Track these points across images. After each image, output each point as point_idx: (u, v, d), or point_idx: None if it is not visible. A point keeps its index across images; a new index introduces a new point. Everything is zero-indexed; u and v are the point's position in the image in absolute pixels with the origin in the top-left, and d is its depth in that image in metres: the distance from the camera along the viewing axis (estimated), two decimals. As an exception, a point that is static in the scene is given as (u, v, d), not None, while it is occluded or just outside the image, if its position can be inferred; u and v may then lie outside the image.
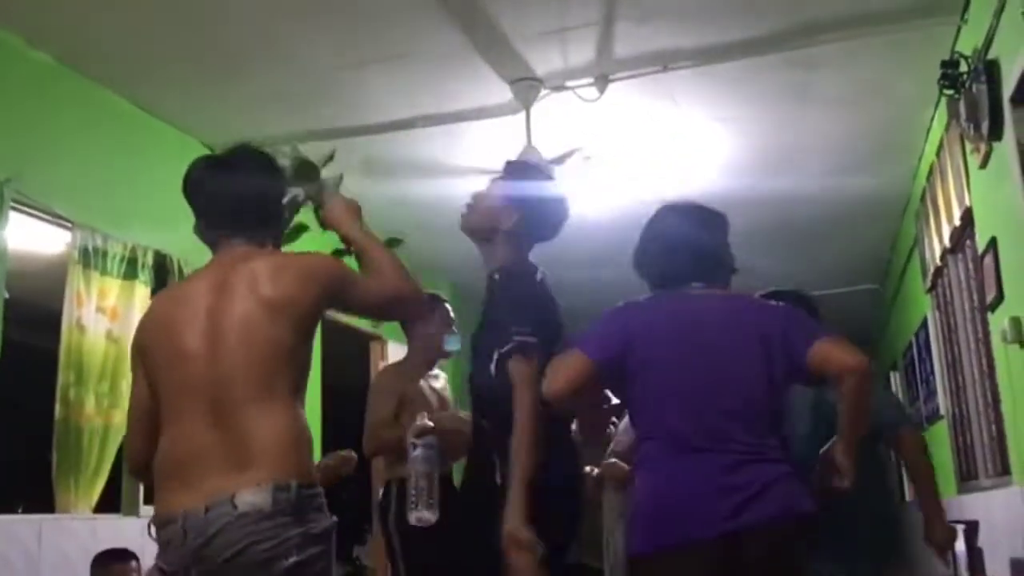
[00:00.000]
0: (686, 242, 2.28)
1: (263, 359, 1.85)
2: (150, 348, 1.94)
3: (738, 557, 1.97)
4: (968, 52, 3.78)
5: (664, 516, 2.03)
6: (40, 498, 3.91)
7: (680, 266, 2.25)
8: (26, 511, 3.84)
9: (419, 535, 3.36)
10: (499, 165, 4.67)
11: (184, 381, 1.87)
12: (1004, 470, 4.27)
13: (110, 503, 4.12)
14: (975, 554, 4.24)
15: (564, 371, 2.11)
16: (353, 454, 3.26)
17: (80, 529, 3.80)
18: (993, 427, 4.48)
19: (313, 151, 2.32)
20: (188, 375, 1.86)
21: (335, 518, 1.85)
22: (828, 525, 2.15)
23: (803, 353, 2.11)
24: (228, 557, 1.71)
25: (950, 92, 3.89)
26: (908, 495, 8.17)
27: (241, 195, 2.02)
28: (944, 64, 3.86)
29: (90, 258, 4.03)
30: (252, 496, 1.72)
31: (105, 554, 3.48)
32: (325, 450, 3.38)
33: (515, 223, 2.47)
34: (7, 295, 3.63)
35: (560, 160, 4.58)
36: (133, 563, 3.45)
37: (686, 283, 2.24)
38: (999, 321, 3.80)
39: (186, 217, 2.19)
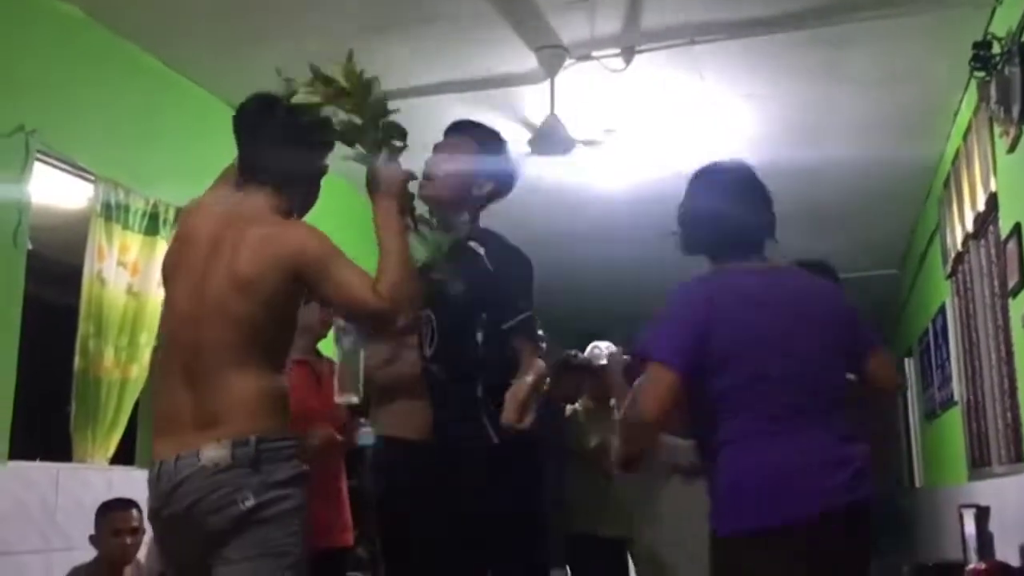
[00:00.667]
0: (745, 210, 2.16)
1: (234, 332, 1.97)
2: (166, 284, 2.12)
3: (834, 536, 1.92)
4: (1002, 34, 3.74)
5: (766, 493, 1.94)
6: (58, 447, 3.96)
7: (743, 236, 2.15)
8: (44, 460, 3.88)
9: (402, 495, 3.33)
10: (523, 134, 4.73)
11: (171, 339, 2.07)
12: (1017, 457, 4.27)
13: (126, 455, 4.16)
14: (985, 538, 4.25)
15: (655, 393, 1.98)
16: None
17: (96, 479, 3.85)
18: (1008, 414, 4.47)
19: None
20: (174, 334, 2.05)
21: (305, 467, 1.99)
22: None
23: (866, 355, 2.12)
24: (189, 504, 1.91)
25: (981, 74, 3.85)
26: (917, 481, 8.18)
27: (270, 149, 2.10)
28: (976, 45, 3.82)
29: (112, 212, 4.04)
30: (213, 451, 1.91)
31: (108, 502, 3.54)
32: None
33: (487, 192, 2.50)
34: (30, 247, 3.66)
35: (586, 142, 4.56)
36: (134, 511, 3.50)
37: (747, 255, 2.13)
38: (1020, 307, 3.79)
39: (208, 173, 2.21)
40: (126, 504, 3.53)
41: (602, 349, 4.67)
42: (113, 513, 3.49)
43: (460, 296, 2.43)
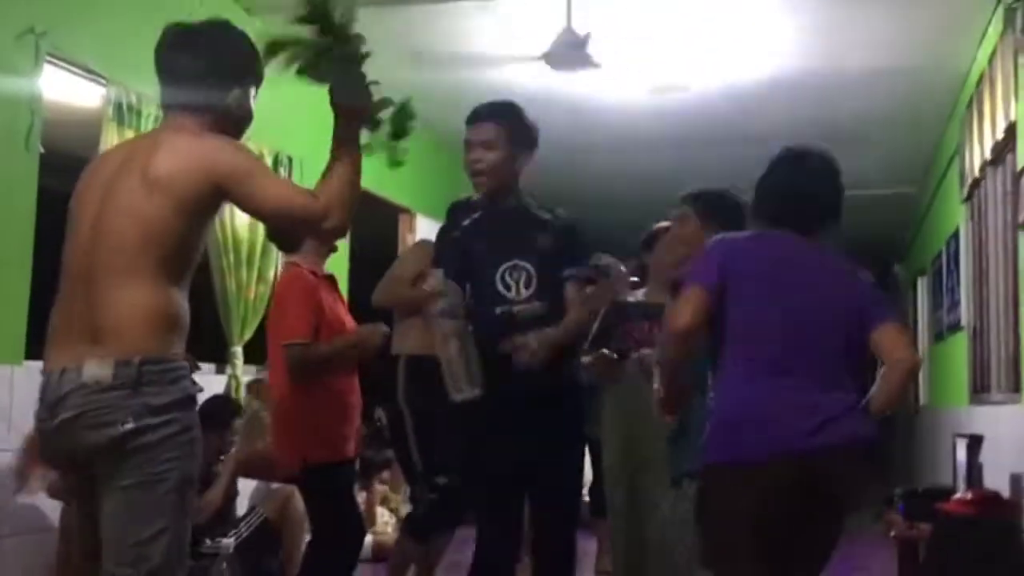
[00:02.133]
0: (795, 192, 2.37)
1: (133, 236, 1.92)
2: (69, 213, 2.05)
3: (812, 473, 2.13)
4: (1034, -41, 3.62)
5: (746, 430, 2.17)
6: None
7: (784, 212, 2.36)
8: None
9: (431, 414, 3.47)
10: (537, 48, 4.65)
11: (71, 247, 2.00)
12: (1015, 387, 4.31)
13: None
14: (975, 468, 4.33)
15: (688, 305, 2.24)
16: (384, 327, 3.39)
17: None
18: (1011, 345, 4.49)
19: None
20: (74, 243, 1.99)
21: (195, 388, 1.98)
22: None
23: (872, 325, 2.26)
24: (67, 419, 1.90)
25: (1011, 0, 3.74)
26: (922, 400, 8.25)
27: (186, 71, 2.04)
28: (1007, -30, 3.70)
29: (124, 115, 4.04)
30: (95, 369, 1.87)
31: None
32: (356, 320, 3.45)
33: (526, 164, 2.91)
34: (42, 150, 3.68)
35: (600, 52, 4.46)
36: None
37: (786, 227, 2.35)
38: (1029, 241, 3.77)
39: None
40: None
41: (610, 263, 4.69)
42: None
43: (550, 248, 2.83)
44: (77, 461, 1.96)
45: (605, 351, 3.68)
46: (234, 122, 2.11)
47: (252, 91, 2.15)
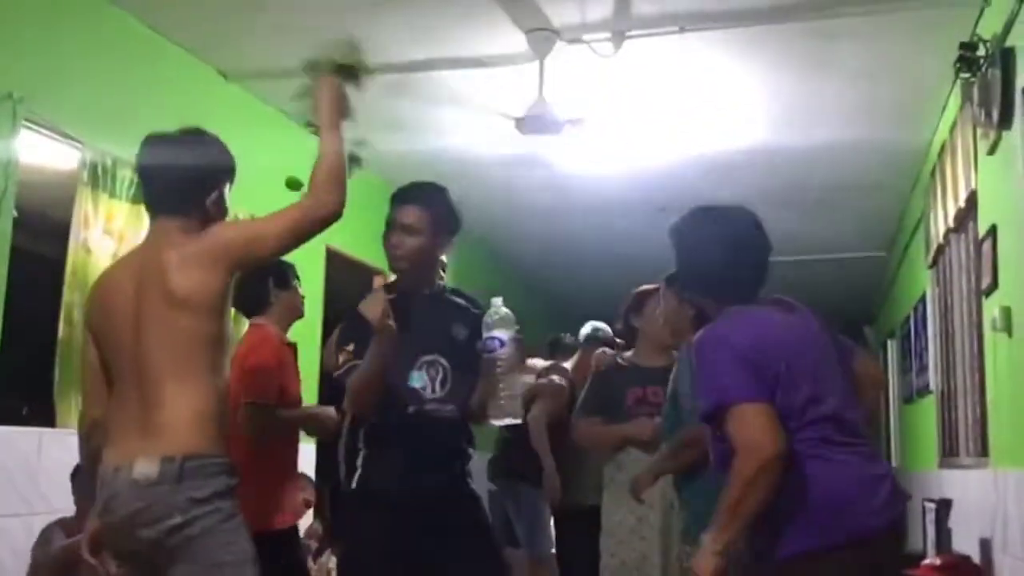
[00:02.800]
0: (747, 252, 2.25)
1: (172, 349, 2.10)
2: (95, 327, 2.25)
3: (886, 553, 2.05)
4: (988, 36, 3.75)
5: (833, 511, 2.01)
6: (41, 411, 4.03)
7: (753, 277, 2.24)
8: (27, 423, 3.95)
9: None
10: (510, 114, 4.75)
11: (119, 369, 2.17)
12: (983, 451, 4.35)
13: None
14: (943, 534, 4.35)
15: (770, 428, 1.99)
16: (333, 413, 3.32)
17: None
18: (978, 408, 4.54)
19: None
20: (120, 364, 2.17)
21: (232, 480, 2.10)
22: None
23: (851, 360, 2.26)
24: (124, 515, 2.05)
25: (966, 75, 3.87)
26: (894, 461, 8.30)
27: (165, 177, 2.23)
28: (962, 46, 3.83)
29: (99, 180, 4.07)
30: (143, 467, 2.03)
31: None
32: (321, 390, 3.48)
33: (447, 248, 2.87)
34: (16, 214, 3.69)
35: (572, 122, 4.58)
36: None
37: (749, 296, 2.22)
38: (992, 308, 3.84)
39: None
40: None
41: (597, 333, 4.76)
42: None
43: (465, 342, 2.72)
44: (139, 555, 2.08)
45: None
46: (213, 220, 2.25)
47: (227, 190, 2.31)
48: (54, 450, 3.79)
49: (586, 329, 5.03)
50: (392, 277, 2.94)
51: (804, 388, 2.06)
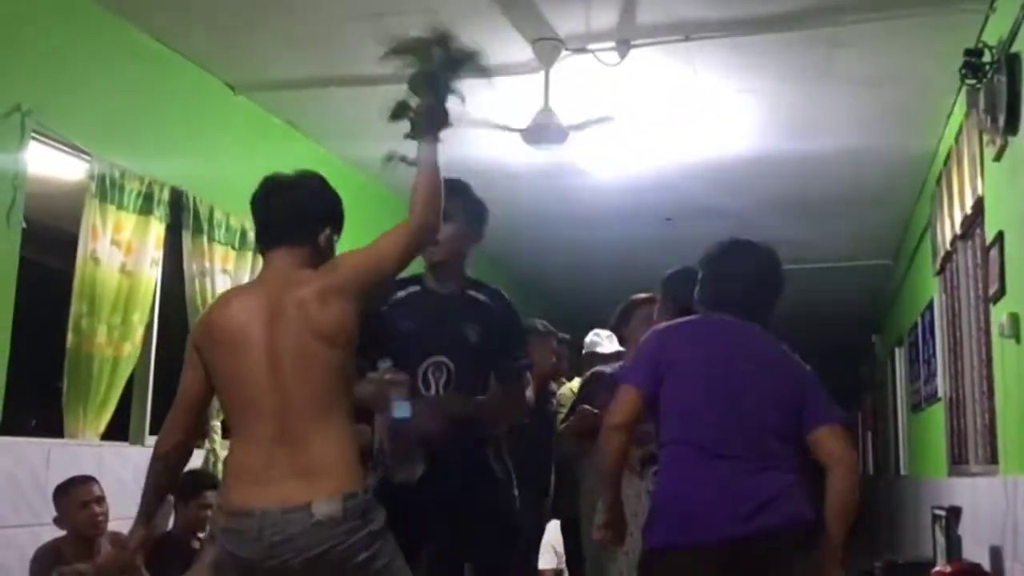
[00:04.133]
0: (743, 277, 2.49)
1: (320, 383, 2.11)
2: (213, 360, 2.17)
3: (743, 560, 2.18)
4: (994, 43, 3.75)
5: (679, 516, 2.24)
6: (50, 422, 4.04)
7: (729, 296, 2.48)
8: (36, 434, 3.96)
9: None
10: (516, 124, 4.76)
11: (249, 401, 2.12)
12: (992, 459, 4.33)
13: (116, 431, 4.24)
14: (953, 541, 4.33)
15: (622, 406, 2.38)
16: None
17: (86, 455, 3.92)
18: (986, 416, 4.53)
19: (329, 96, 2.47)
20: (252, 397, 2.11)
21: (384, 509, 2.13)
22: None
23: (810, 427, 2.36)
24: (309, 558, 2.00)
25: (972, 82, 3.87)
26: (902, 470, 8.26)
27: (288, 213, 2.26)
28: (968, 53, 3.83)
29: (107, 191, 4.09)
30: (326, 506, 2.01)
31: (68, 480, 3.57)
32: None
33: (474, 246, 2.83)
34: (24, 225, 3.71)
35: (579, 127, 4.58)
36: (94, 486, 3.57)
37: (729, 312, 2.46)
38: (1000, 314, 3.83)
39: (203, 154, 2.29)
40: (85, 479, 3.58)
41: (601, 336, 4.74)
42: (77, 488, 3.53)
43: (477, 343, 2.68)
44: None
45: (586, 406, 3.72)
46: (323, 259, 2.27)
47: (336, 235, 2.34)
48: (62, 461, 3.80)
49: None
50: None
51: (701, 393, 2.32)
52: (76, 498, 3.51)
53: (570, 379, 4.93)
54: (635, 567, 2.54)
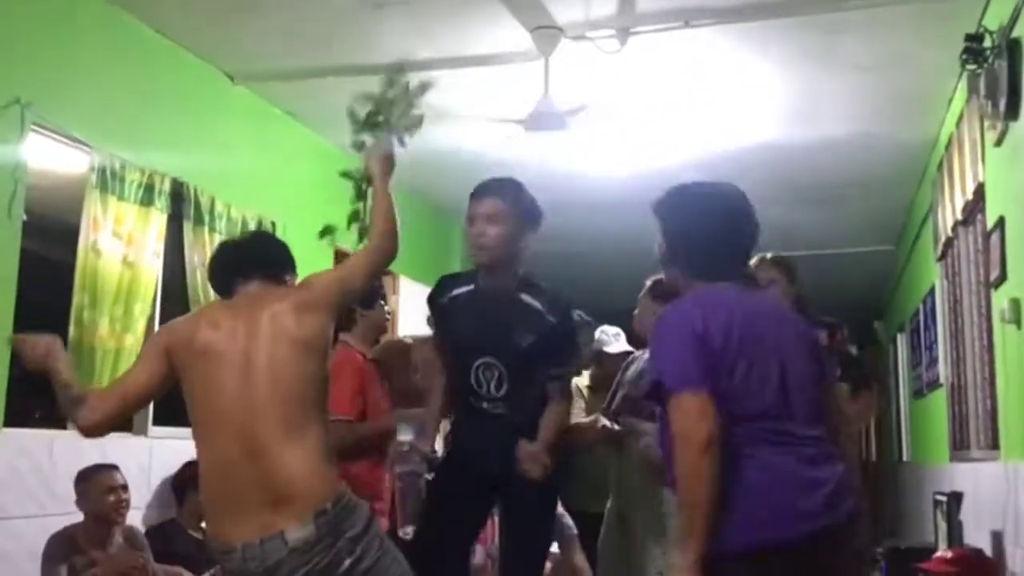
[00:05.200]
0: (736, 226, 2.20)
1: (293, 394, 2.14)
2: (186, 370, 2.22)
3: (829, 552, 1.99)
4: (994, 28, 3.74)
5: (771, 508, 1.98)
6: (53, 413, 4.04)
7: (731, 257, 2.20)
8: (39, 425, 3.97)
9: None
10: (516, 111, 4.75)
11: (219, 412, 2.16)
12: (994, 444, 4.34)
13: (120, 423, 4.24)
14: (954, 527, 4.34)
15: (699, 418, 1.96)
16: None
17: (90, 446, 3.89)
18: (988, 401, 4.53)
19: (329, 86, 2.61)
20: (223, 408, 2.15)
21: (365, 504, 2.17)
22: None
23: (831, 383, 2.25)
24: None
25: (973, 67, 3.86)
26: (905, 456, 8.28)
27: (271, 257, 2.45)
28: (968, 38, 3.82)
29: (108, 183, 4.09)
30: (298, 532, 2.04)
31: (92, 467, 3.66)
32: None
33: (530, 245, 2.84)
34: (25, 217, 3.71)
35: (573, 113, 4.57)
36: (117, 475, 3.67)
37: (731, 276, 2.18)
38: (1001, 299, 3.83)
39: (203, 145, 2.34)
40: (109, 466, 3.68)
41: (608, 335, 4.74)
42: (101, 474, 3.62)
43: (528, 350, 2.74)
44: None
45: (606, 422, 3.74)
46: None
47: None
48: (66, 452, 3.82)
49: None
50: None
51: (745, 372, 2.02)
52: (101, 483, 3.59)
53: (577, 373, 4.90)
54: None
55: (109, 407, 2.22)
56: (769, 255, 3.16)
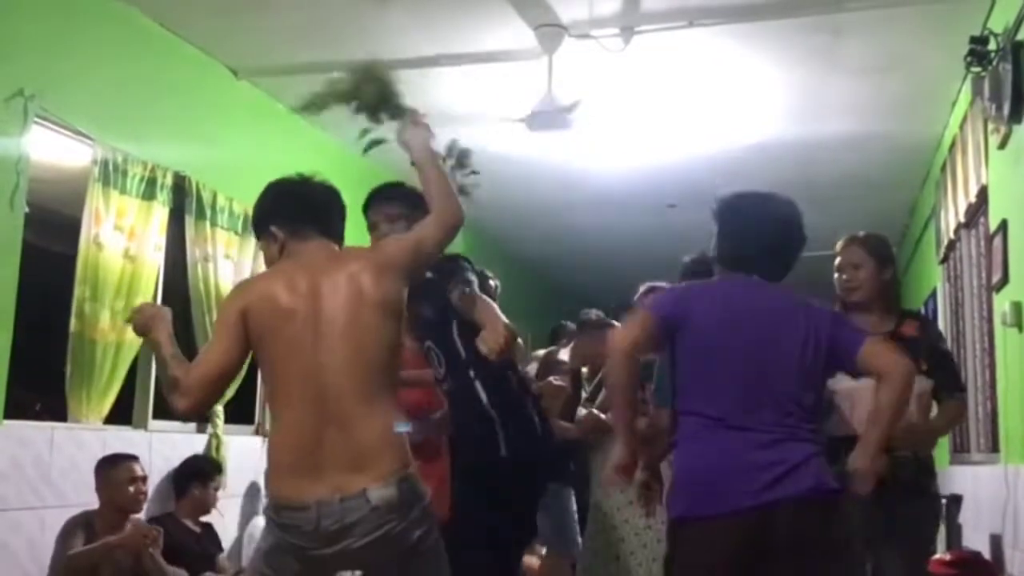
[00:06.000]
0: (763, 233, 2.35)
1: (371, 360, 2.12)
2: (262, 326, 2.14)
3: (767, 530, 2.12)
4: (999, 30, 3.73)
5: (702, 486, 2.19)
6: (54, 406, 4.05)
7: (748, 253, 2.34)
8: (40, 418, 3.98)
9: None
10: (519, 110, 4.75)
11: (300, 376, 2.11)
12: (994, 447, 4.34)
13: (119, 415, 4.26)
14: (954, 529, 4.33)
15: (634, 327, 2.31)
16: None
17: (90, 439, 3.94)
18: (988, 404, 4.53)
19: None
20: (304, 372, 2.11)
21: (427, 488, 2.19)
22: None
23: (854, 352, 2.25)
24: (367, 543, 2.04)
25: (977, 70, 3.85)
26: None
27: (330, 203, 2.35)
28: (973, 40, 3.81)
29: (110, 176, 4.08)
30: (381, 491, 2.04)
31: (114, 455, 3.76)
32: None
33: None
34: (27, 210, 3.71)
35: (568, 109, 4.57)
36: (137, 466, 3.76)
37: (752, 271, 2.33)
38: (1002, 303, 3.83)
39: (206, 140, 2.31)
40: (131, 457, 3.77)
41: (591, 316, 4.74)
42: (124, 463, 3.72)
43: (433, 318, 2.80)
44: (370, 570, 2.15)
45: (595, 411, 3.77)
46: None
47: None
48: (66, 445, 3.82)
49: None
50: None
51: (721, 358, 2.22)
52: (122, 473, 3.68)
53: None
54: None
55: (201, 394, 2.14)
56: (861, 233, 3.09)
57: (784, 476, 2.14)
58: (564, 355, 4.73)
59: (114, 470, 3.68)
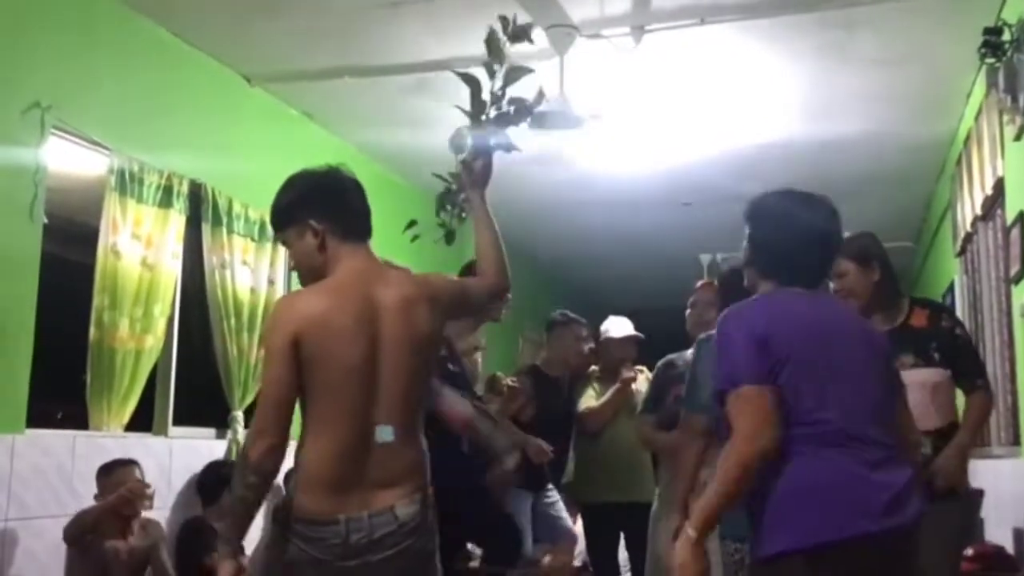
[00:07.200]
0: (823, 240, 2.19)
1: (419, 395, 2.22)
2: (312, 345, 2.09)
3: (890, 554, 1.96)
4: (1013, 21, 3.71)
5: (820, 509, 1.94)
6: (75, 414, 4.09)
7: (813, 265, 2.17)
8: (61, 426, 4.01)
9: None
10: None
11: (349, 397, 2.13)
12: (1015, 441, 4.31)
13: (140, 423, 4.29)
14: (977, 523, 4.29)
15: (759, 417, 1.95)
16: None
17: (111, 446, 3.97)
18: (1009, 398, 4.50)
19: (345, 86, 2.53)
20: (354, 395, 2.13)
21: None
22: None
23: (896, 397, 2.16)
24: (388, 556, 2.12)
25: (991, 61, 3.83)
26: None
27: (367, 203, 2.34)
28: (987, 31, 3.79)
29: (126, 185, 4.12)
30: (407, 508, 2.15)
31: (113, 461, 3.77)
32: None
33: None
34: (45, 220, 3.75)
35: (594, 116, 4.56)
36: (136, 470, 3.76)
37: (813, 283, 2.16)
38: (1020, 295, 3.81)
39: (221, 147, 2.29)
40: (129, 462, 3.78)
41: (612, 322, 4.74)
42: (122, 468, 3.72)
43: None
44: None
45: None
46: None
47: None
48: (88, 452, 3.85)
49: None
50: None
51: (810, 379, 2.00)
52: (119, 479, 3.67)
53: (586, 367, 4.87)
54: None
55: (274, 423, 2.10)
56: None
57: (900, 497, 1.97)
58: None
59: (111, 476, 3.69)
